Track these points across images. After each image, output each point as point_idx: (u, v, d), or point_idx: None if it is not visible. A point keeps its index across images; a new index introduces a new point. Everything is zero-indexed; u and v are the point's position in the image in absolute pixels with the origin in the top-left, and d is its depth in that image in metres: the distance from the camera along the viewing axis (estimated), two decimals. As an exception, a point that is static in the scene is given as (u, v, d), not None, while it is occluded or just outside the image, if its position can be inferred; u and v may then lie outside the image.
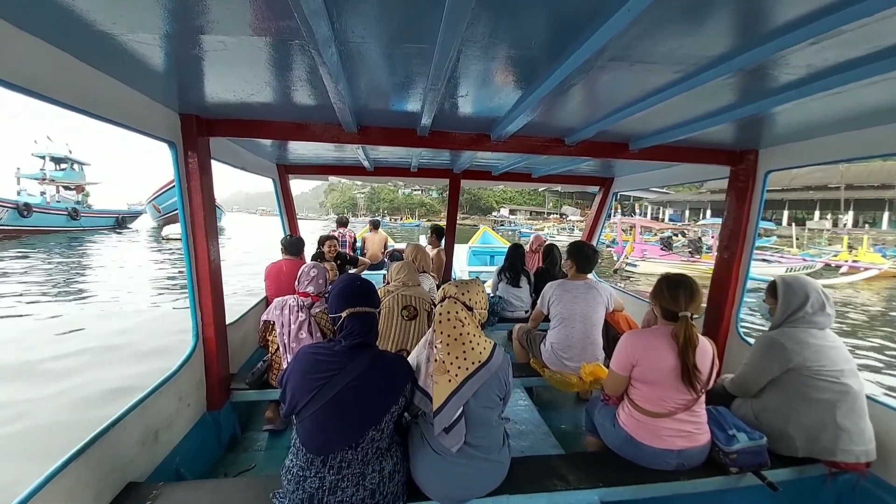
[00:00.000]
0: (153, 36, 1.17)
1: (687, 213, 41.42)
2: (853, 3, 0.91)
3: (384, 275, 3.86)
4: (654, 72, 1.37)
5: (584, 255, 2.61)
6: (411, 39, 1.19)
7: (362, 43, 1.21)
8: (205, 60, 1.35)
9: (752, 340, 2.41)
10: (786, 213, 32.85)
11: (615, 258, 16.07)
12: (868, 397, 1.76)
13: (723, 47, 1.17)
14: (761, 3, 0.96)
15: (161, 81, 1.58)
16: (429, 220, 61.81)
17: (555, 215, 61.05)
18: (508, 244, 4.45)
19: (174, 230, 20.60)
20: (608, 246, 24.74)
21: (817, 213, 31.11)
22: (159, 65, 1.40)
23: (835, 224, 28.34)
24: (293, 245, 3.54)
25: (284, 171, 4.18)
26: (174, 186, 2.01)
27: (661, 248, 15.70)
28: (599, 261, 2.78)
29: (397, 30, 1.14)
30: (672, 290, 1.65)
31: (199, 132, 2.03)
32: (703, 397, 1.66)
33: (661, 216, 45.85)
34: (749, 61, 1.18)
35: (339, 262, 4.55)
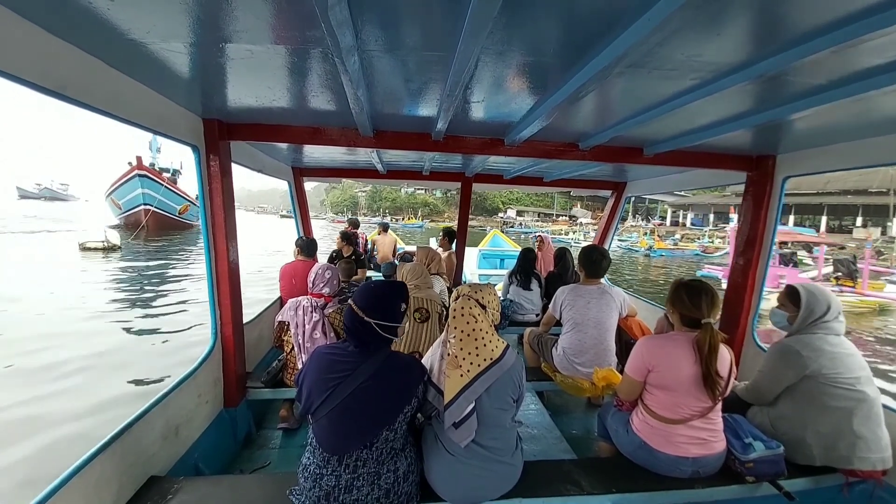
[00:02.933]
0: (183, 44, 1.22)
1: (711, 216, 39.76)
2: (875, 12, 0.91)
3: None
4: (672, 78, 1.37)
5: (590, 260, 2.61)
6: (431, 47, 1.21)
7: (384, 51, 1.24)
8: (230, 67, 1.40)
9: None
10: (824, 218, 31.00)
11: (723, 283, 10.58)
12: (884, 406, 1.74)
13: (743, 54, 1.17)
14: (783, 12, 0.96)
15: (187, 87, 1.63)
16: (432, 221, 60.12)
17: (564, 217, 59.88)
18: (519, 248, 4.45)
19: (95, 239, 14.19)
20: (648, 253, 22.28)
21: (859, 220, 29.36)
22: (186, 72, 1.45)
23: (883, 232, 26.28)
24: (308, 246, 3.64)
25: (299, 173, 4.25)
26: (135, 176, 2.04)
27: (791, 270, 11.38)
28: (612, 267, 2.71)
29: (418, 38, 1.16)
30: (693, 297, 1.63)
31: (221, 136, 2.09)
32: (719, 404, 1.65)
33: (681, 220, 44.12)
34: (769, 68, 1.18)
35: (353, 258, 4.61)
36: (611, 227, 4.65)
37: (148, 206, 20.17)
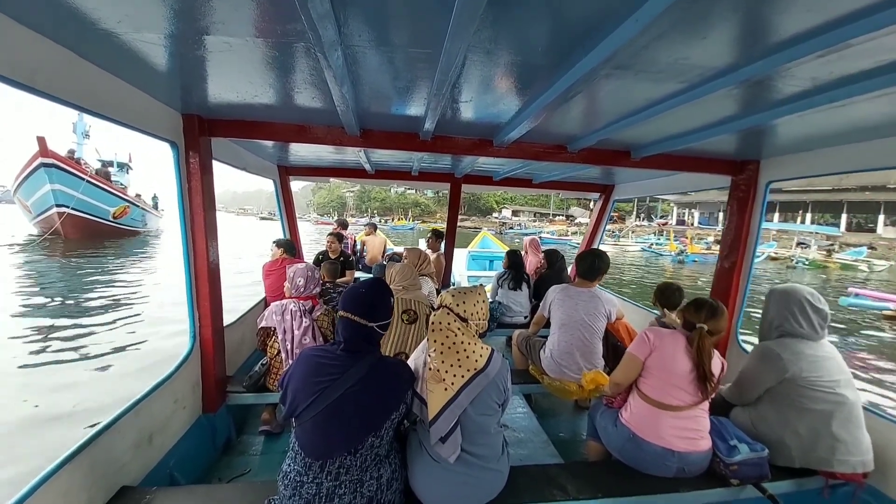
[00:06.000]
0: (158, 36, 1.17)
1: (721, 215, 38.32)
2: (861, 17, 0.91)
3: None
4: (658, 81, 1.37)
5: (585, 263, 2.61)
6: (417, 44, 1.19)
7: (368, 47, 1.20)
8: (209, 61, 1.35)
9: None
10: (844, 216, 29.98)
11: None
12: (865, 408, 1.76)
13: (729, 58, 1.17)
14: (770, 16, 0.96)
15: (164, 81, 1.57)
16: (423, 222, 58.64)
17: (560, 217, 58.70)
18: (507, 248, 4.46)
19: None
20: (682, 259, 18.69)
21: (881, 217, 28.09)
22: (163, 64, 1.40)
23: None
24: (291, 246, 3.73)
25: (285, 172, 4.17)
26: (39, 167, 1.85)
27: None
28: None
29: (404, 34, 1.14)
30: (698, 307, 1.77)
31: (201, 132, 2.03)
32: (706, 403, 1.70)
33: (688, 219, 43.02)
34: (755, 73, 1.18)
35: (341, 259, 4.55)
36: (599, 228, 4.69)
37: (62, 208, 15.05)
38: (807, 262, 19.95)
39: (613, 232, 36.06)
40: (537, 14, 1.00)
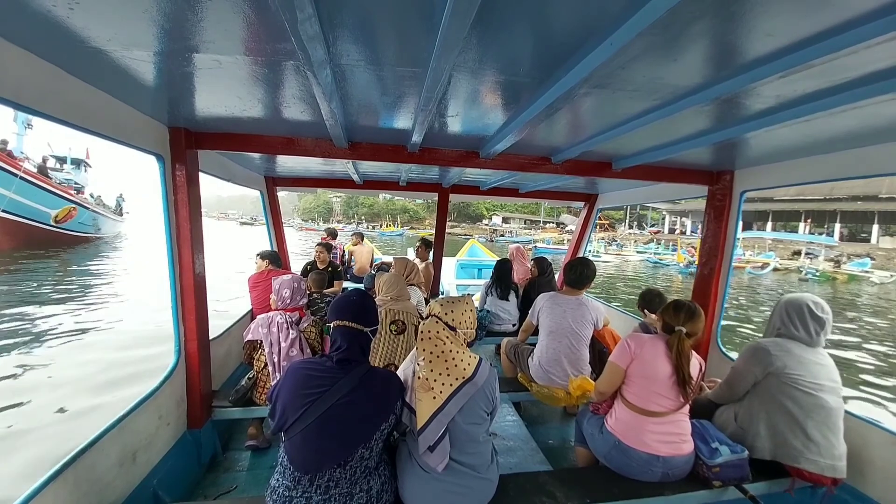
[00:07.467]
0: (148, 53, 1.18)
1: None
2: (818, 40, 0.98)
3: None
4: (634, 99, 1.44)
5: (574, 272, 2.67)
6: (404, 63, 1.23)
7: (356, 65, 1.24)
8: (197, 77, 1.36)
9: (733, 354, 2.48)
10: (837, 226, 29.26)
11: None
12: (846, 412, 1.80)
13: (699, 78, 1.25)
14: (734, 41, 1.03)
15: (151, 96, 1.58)
16: (412, 229, 58.13)
17: (551, 224, 58.72)
18: (497, 257, 4.50)
19: None
20: (693, 270, 18.20)
21: (875, 227, 27.56)
22: (151, 80, 1.40)
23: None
24: (276, 257, 3.71)
25: (273, 183, 4.16)
26: None
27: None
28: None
29: (391, 54, 1.17)
30: (676, 309, 1.82)
31: (187, 145, 2.02)
32: (686, 407, 1.75)
33: (679, 227, 42.51)
34: (723, 91, 1.26)
35: (330, 270, 4.51)
36: (584, 236, 4.78)
37: None
38: (817, 273, 19.30)
39: (615, 239, 35.89)
40: (519, 36, 1.05)
